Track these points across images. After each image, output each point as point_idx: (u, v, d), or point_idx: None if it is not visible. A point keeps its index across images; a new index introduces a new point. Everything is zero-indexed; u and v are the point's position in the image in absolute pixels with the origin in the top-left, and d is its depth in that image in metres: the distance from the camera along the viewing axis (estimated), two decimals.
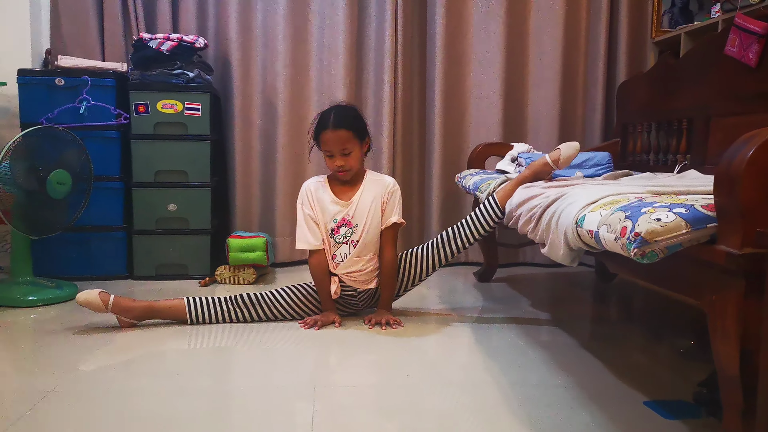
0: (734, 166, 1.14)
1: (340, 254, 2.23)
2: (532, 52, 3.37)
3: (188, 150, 2.93)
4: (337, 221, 2.22)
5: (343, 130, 2.15)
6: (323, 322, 2.15)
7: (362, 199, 2.23)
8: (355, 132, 2.18)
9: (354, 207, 2.23)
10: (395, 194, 2.26)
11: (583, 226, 1.48)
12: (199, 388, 1.68)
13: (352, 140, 2.17)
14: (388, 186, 2.26)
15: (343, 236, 2.23)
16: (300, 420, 1.47)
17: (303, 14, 3.24)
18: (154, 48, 2.85)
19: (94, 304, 2.12)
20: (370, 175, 2.29)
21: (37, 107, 2.80)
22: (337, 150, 2.16)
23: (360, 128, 2.21)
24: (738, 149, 1.16)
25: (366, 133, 2.25)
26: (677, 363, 1.98)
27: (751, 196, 1.13)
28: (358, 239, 2.22)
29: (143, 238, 2.93)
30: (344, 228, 2.23)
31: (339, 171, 2.19)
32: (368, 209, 2.22)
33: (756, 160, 1.12)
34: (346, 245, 2.23)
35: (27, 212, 2.47)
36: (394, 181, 2.30)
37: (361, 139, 2.22)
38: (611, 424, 1.47)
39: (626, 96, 3.16)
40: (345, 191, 2.25)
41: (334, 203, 2.23)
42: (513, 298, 2.74)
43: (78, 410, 1.52)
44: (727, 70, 2.31)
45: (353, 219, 2.23)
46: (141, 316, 2.18)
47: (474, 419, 1.50)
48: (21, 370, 1.82)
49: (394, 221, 2.24)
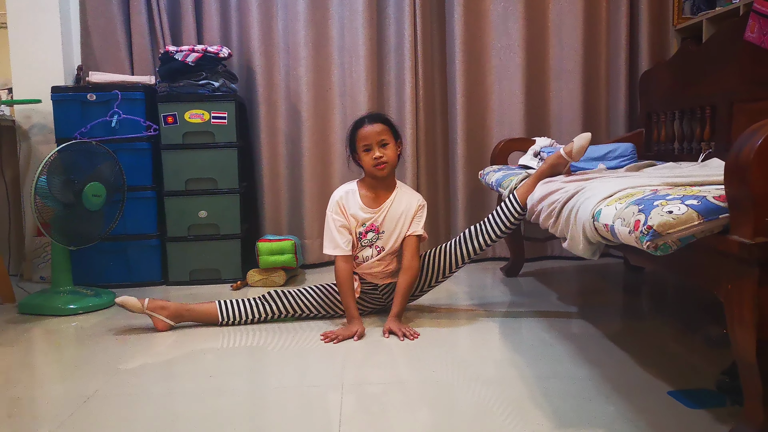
0: (743, 156, 1.15)
1: (362, 256, 2.30)
2: (552, 44, 3.37)
3: (216, 158, 3.01)
4: (365, 226, 2.29)
5: (379, 124, 2.26)
6: (343, 336, 2.11)
7: (393, 207, 2.30)
8: (391, 128, 2.29)
9: (383, 214, 2.29)
10: (424, 210, 2.35)
11: (600, 220, 1.50)
12: (234, 387, 1.75)
13: (387, 132, 2.26)
14: (420, 200, 2.35)
15: (369, 240, 2.29)
16: (329, 417, 1.52)
17: (323, 19, 3.30)
18: (180, 60, 2.93)
19: (130, 303, 2.25)
20: (402, 187, 2.37)
21: (71, 122, 2.91)
22: (375, 141, 2.23)
23: (394, 126, 2.32)
24: (747, 139, 1.17)
25: (399, 135, 2.34)
26: (703, 352, 1.98)
27: (761, 186, 1.14)
28: (383, 246, 2.29)
29: (176, 244, 3.03)
30: (371, 233, 2.29)
31: (377, 164, 2.23)
32: (398, 218, 2.29)
33: (765, 150, 1.13)
34: (370, 248, 2.29)
35: (65, 224, 2.58)
36: (422, 198, 2.38)
37: (396, 138, 2.30)
38: (635, 415, 1.48)
39: (649, 85, 3.14)
40: (375, 198, 2.31)
41: (364, 210, 2.29)
42: (540, 292, 2.76)
43: (120, 412, 1.59)
44: (748, 56, 2.29)
45: (381, 225, 2.29)
46: (175, 315, 2.27)
47: (500, 413, 1.53)
48: (65, 374, 1.91)
49: (419, 233, 2.30)
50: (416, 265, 2.28)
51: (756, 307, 1.16)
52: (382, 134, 2.24)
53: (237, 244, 3.06)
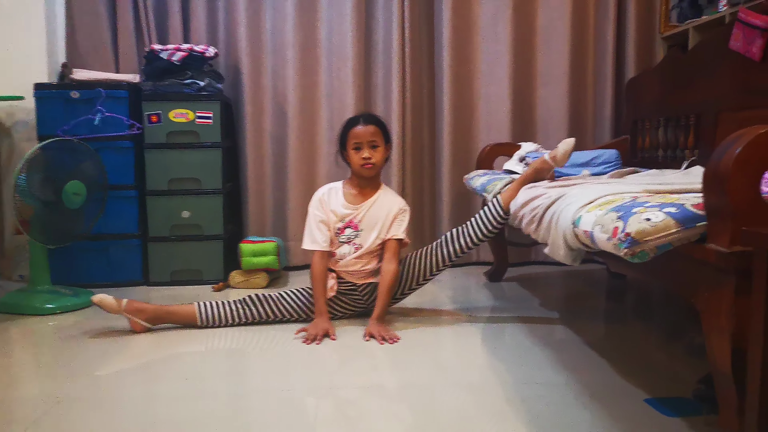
0: (722, 165, 1.15)
1: (340, 253, 2.31)
2: (540, 50, 3.37)
3: (200, 158, 2.99)
4: (344, 222, 2.31)
5: (373, 125, 2.30)
6: (312, 334, 2.11)
7: (374, 207, 2.32)
8: (383, 131, 2.33)
9: (363, 212, 2.31)
10: (407, 214, 2.37)
11: (580, 227, 1.49)
12: (212, 391, 1.73)
13: (379, 135, 2.30)
14: (402, 204, 2.37)
15: (347, 237, 2.31)
16: (305, 422, 1.51)
17: (311, 21, 3.28)
18: (166, 59, 2.91)
19: (107, 302, 2.21)
20: (386, 190, 2.41)
21: (54, 120, 2.87)
22: (366, 141, 2.27)
23: (386, 129, 2.37)
24: (726, 148, 1.16)
25: (390, 138, 2.39)
26: (681, 360, 1.98)
27: (739, 195, 1.14)
28: (361, 244, 2.30)
29: (158, 245, 2.99)
30: (349, 230, 2.31)
31: (365, 164, 2.27)
32: (377, 218, 2.31)
33: (744, 159, 1.13)
34: (348, 245, 2.30)
35: (44, 222, 2.55)
36: (406, 204, 2.41)
37: (386, 141, 2.34)
38: (611, 422, 1.48)
39: (635, 92, 3.15)
40: (358, 196, 2.34)
41: (344, 206, 2.33)
42: (523, 297, 2.75)
43: (94, 414, 1.57)
44: (733, 65, 2.29)
45: (360, 223, 2.31)
46: (153, 318, 2.24)
47: (478, 418, 1.52)
48: (40, 375, 1.88)
49: (400, 237, 2.31)
50: (394, 267, 2.27)
51: (732, 317, 1.16)
52: (374, 136, 2.29)
53: (220, 245, 3.04)
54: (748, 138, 1.14)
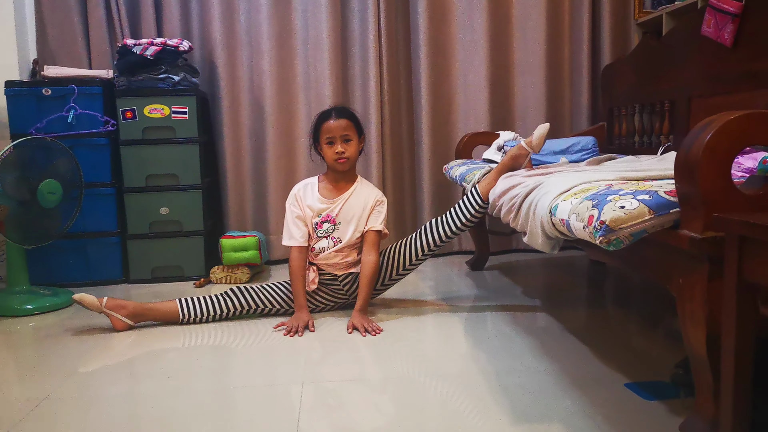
0: (693, 152, 1.17)
1: (319, 247, 2.30)
2: (517, 39, 3.38)
3: (178, 153, 2.96)
4: (321, 216, 2.31)
5: (345, 119, 2.29)
6: (294, 326, 2.15)
7: (350, 200, 2.32)
8: (355, 124, 2.32)
9: (339, 206, 2.31)
10: (383, 205, 2.36)
11: (556, 215, 1.50)
12: (194, 387, 1.72)
13: (352, 129, 2.30)
14: (378, 196, 2.37)
15: (325, 231, 2.31)
16: (288, 415, 1.51)
17: (286, 12, 3.26)
18: (138, 53, 2.87)
19: (87, 300, 2.20)
20: (363, 182, 2.40)
21: (26, 118, 2.83)
22: (338, 135, 2.26)
23: (358, 122, 2.35)
24: (696, 135, 1.18)
25: (362, 132, 2.38)
26: (659, 345, 2.01)
27: (709, 182, 1.15)
28: (340, 237, 2.31)
29: (137, 242, 2.97)
30: (327, 224, 2.31)
31: (339, 159, 2.27)
32: (355, 211, 2.31)
33: (713, 146, 1.15)
34: (327, 239, 2.31)
35: (20, 222, 2.51)
36: (383, 195, 2.40)
37: (359, 134, 2.34)
38: (592, 408, 1.50)
39: (611, 79, 3.17)
40: (334, 190, 2.35)
41: (320, 201, 2.33)
42: (504, 286, 2.77)
43: (77, 414, 1.56)
44: (706, 51, 2.32)
45: (337, 217, 2.31)
46: (134, 315, 2.23)
47: (460, 408, 1.53)
48: (20, 376, 1.86)
49: (378, 228, 2.31)
50: (374, 259, 2.28)
51: (706, 302, 1.18)
52: (346, 130, 2.28)
53: (200, 240, 3.02)
54: (717, 125, 1.15)
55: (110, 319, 2.22)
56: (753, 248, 1.04)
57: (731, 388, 1.11)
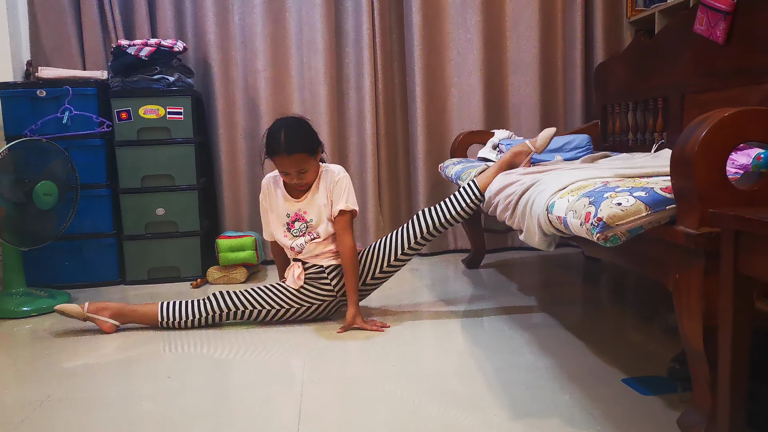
0: (688, 149, 1.18)
1: (297, 245, 2.23)
2: (510, 38, 3.39)
3: (173, 154, 2.96)
4: (290, 216, 2.25)
5: (297, 155, 2.11)
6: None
7: (317, 196, 2.22)
8: (309, 152, 2.14)
9: (306, 203, 2.23)
10: (340, 182, 2.20)
11: (553, 213, 1.52)
12: (194, 387, 1.73)
13: (307, 160, 2.14)
14: (334, 175, 2.22)
15: (299, 230, 2.24)
16: (288, 415, 1.52)
17: (280, 12, 3.26)
18: (133, 54, 2.86)
19: (70, 309, 2.21)
20: (324, 173, 2.24)
21: (21, 119, 2.82)
22: (293, 172, 2.15)
23: (313, 145, 2.17)
24: (691, 132, 1.19)
25: (318, 144, 2.20)
26: (657, 339, 2.03)
27: (705, 178, 1.17)
28: (318, 233, 2.22)
29: (133, 243, 2.97)
30: (299, 223, 2.24)
31: (297, 186, 2.20)
32: (321, 205, 2.22)
33: (709, 142, 1.16)
34: (303, 237, 2.23)
35: (16, 224, 2.51)
36: (341, 169, 2.25)
37: (315, 153, 2.18)
38: (590, 403, 1.51)
39: (604, 77, 3.19)
40: (298, 190, 2.24)
41: (286, 198, 2.25)
42: (500, 284, 2.78)
43: (75, 416, 1.56)
44: (698, 48, 2.34)
45: (307, 214, 2.23)
46: (117, 315, 2.22)
47: (459, 405, 1.54)
48: (18, 378, 1.86)
49: (340, 208, 2.18)
50: (349, 241, 2.18)
51: (702, 296, 1.19)
52: (300, 164, 2.12)
53: (196, 241, 3.02)
54: (712, 122, 1.17)
55: (97, 323, 2.21)
56: (748, 242, 1.05)
57: (728, 381, 1.12)
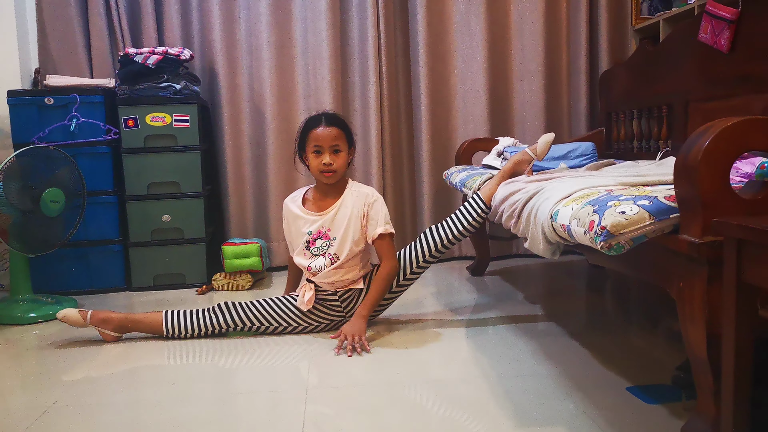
0: (691, 158, 1.18)
1: (316, 266, 2.15)
2: (515, 45, 3.41)
3: (179, 161, 2.98)
4: (312, 233, 2.17)
5: (336, 128, 2.13)
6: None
7: (341, 211, 2.16)
8: (346, 133, 2.17)
9: (330, 219, 2.16)
10: (377, 204, 2.18)
11: (557, 221, 1.52)
12: (198, 394, 1.73)
13: (342, 139, 2.14)
14: (368, 197, 2.18)
15: (319, 248, 2.16)
16: (292, 421, 1.52)
17: (286, 20, 3.28)
18: (140, 62, 2.89)
19: (72, 319, 2.18)
20: (351, 187, 2.21)
21: (29, 127, 2.85)
22: (327, 145, 2.11)
23: (350, 132, 2.20)
24: (695, 141, 1.20)
25: (353, 141, 2.23)
26: (661, 348, 2.03)
27: (708, 186, 1.17)
28: (337, 254, 2.14)
29: (139, 249, 2.98)
30: (320, 240, 2.16)
31: (326, 171, 2.12)
32: (347, 222, 2.15)
33: (712, 151, 1.17)
34: (323, 257, 2.15)
35: (23, 231, 2.52)
36: (374, 191, 2.23)
37: (350, 144, 2.20)
38: (594, 411, 1.51)
39: (609, 85, 3.20)
40: (321, 203, 2.20)
41: (306, 213, 2.19)
42: (505, 291, 2.78)
43: (81, 422, 1.57)
44: (702, 56, 2.34)
45: (330, 232, 2.16)
46: (120, 327, 2.20)
47: (461, 413, 1.54)
48: (24, 384, 1.87)
49: (380, 232, 2.15)
50: (393, 264, 2.17)
51: (706, 305, 1.19)
52: (336, 139, 2.12)
53: (202, 248, 3.03)
54: (715, 130, 1.17)
55: (99, 333, 2.20)
56: (752, 251, 1.06)
57: (731, 389, 1.12)
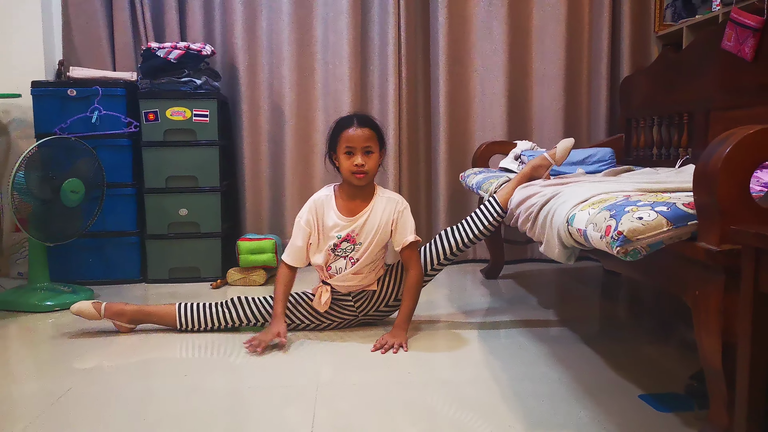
0: (711, 165, 1.18)
1: (336, 267, 2.16)
2: (535, 49, 3.40)
3: (198, 156, 3.00)
4: (341, 237, 2.14)
5: (368, 129, 2.10)
6: (265, 341, 2.01)
7: (371, 217, 2.15)
8: (378, 135, 2.14)
9: (360, 225, 2.14)
10: (406, 213, 2.18)
11: (573, 225, 1.51)
12: (210, 386, 1.74)
13: (374, 140, 2.11)
14: (398, 204, 2.18)
15: (343, 251, 2.15)
16: (302, 418, 1.53)
17: (307, 19, 3.30)
18: (162, 57, 2.92)
19: (86, 312, 2.19)
20: (380, 193, 2.19)
21: (51, 118, 2.89)
22: (359, 146, 2.07)
23: (381, 134, 2.17)
24: (715, 148, 1.19)
25: (385, 143, 2.20)
26: (674, 356, 2.01)
27: (727, 195, 1.16)
28: (358, 257, 2.14)
29: (156, 242, 3.01)
30: (346, 243, 2.14)
31: (357, 173, 2.08)
32: (376, 228, 2.14)
33: (732, 159, 1.16)
34: (344, 260, 2.15)
35: (42, 220, 2.56)
36: (402, 198, 2.22)
37: (381, 146, 2.16)
38: (606, 417, 1.50)
39: (629, 91, 3.18)
40: (352, 207, 2.16)
41: (340, 218, 2.15)
42: (518, 295, 2.78)
43: (93, 411, 1.59)
44: (725, 64, 2.32)
45: (358, 236, 2.14)
46: (133, 320, 2.22)
47: (471, 415, 1.54)
48: (39, 371, 1.89)
49: (411, 240, 2.15)
50: (419, 270, 2.16)
51: (721, 313, 1.18)
52: (369, 140, 2.09)
53: (217, 242, 3.05)
54: (736, 138, 1.16)
55: (114, 324, 2.22)
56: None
57: (745, 399, 1.11)
